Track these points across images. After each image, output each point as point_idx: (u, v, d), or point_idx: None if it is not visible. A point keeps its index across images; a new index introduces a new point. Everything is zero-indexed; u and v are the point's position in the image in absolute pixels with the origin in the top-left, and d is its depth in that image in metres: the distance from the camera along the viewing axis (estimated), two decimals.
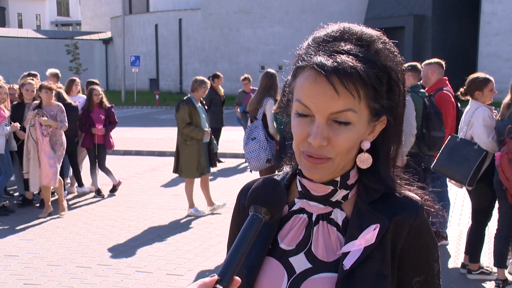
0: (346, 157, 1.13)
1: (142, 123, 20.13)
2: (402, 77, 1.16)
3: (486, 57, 26.15)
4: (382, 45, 1.14)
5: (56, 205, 8.27)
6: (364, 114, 1.11)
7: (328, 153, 1.10)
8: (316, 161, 1.11)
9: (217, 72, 11.84)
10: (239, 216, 1.32)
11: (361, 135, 1.13)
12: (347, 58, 1.07)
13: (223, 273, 1.03)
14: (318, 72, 1.08)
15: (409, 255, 1.15)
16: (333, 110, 1.08)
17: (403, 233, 1.14)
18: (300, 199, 1.22)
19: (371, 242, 1.12)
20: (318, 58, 1.09)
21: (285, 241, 1.20)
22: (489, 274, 5.24)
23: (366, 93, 1.09)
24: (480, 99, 5.14)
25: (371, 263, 1.11)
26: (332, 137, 1.09)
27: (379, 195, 1.16)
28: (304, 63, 1.12)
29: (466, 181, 5.01)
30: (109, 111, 8.76)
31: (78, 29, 51.97)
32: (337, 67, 1.06)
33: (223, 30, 33.33)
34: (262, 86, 6.50)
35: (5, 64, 34.33)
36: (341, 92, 1.06)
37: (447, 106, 5.91)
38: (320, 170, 1.13)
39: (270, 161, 6.22)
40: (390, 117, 1.15)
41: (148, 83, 36.49)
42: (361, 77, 1.07)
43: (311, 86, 1.09)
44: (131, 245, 6.32)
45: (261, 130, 6.22)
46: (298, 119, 1.13)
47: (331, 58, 1.08)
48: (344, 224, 1.17)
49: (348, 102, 1.08)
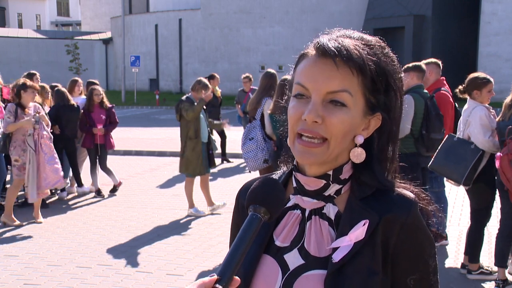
0: (341, 143, 1.13)
1: (142, 123, 20.13)
2: (400, 84, 1.18)
3: (486, 57, 26.15)
4: (381, 50, 1.16)
5: (57, 205, 8.28)
6: (359, 101, 1.13)
7: (322, 131, 1.11)
8: (310, 144, 1.12)
9: (213, 73, 11.82)
10: (238, 215, 1.33)
11: (356, 124, 1.14)
12: (350, 44, 1.12)
13: (222, 273, 1.03)
14: (319, 55, 1.12)
15: (402, 252, 1.15)
16: (329, 89, 1.10)
17: (395, 230, 1.14)
18: (295, 195, 1.23)
19: (361, 238, 1.12)
20: (321, 40, 1.13)
21: (280, 238, 1.21)
22: (489, 274, 5.24)
23: (364, 80, 1.11)
24: (477, 99, 5.14)
25: (361, 259, 1.11)
26: (326, 117, 1.11)
27: (372, 191, 1.17)
28: (307, 50, 1.17)
29: (462, 180, 5.02)
30: (110, 111, 8.76)
31: (78, 29, 51.97)
32: (340, 47, 1.10)
33: (223, 30, 33.33)
34: (261, 86, 6.50)
35: (5, 64, 34.29)
36: (340, 68, 1.09)
37: (445, 106, 5.91)
38: (313, 155, 1.13)
39: (268, 162, 6.20)
40: (385, 115, 1.17)
41: (148, 83, 36.48)
42: (361, 60, 1.10)
43: (311, 67, 1.13)
44: (131, 245, 6.32)
45: (259, 130, 6.21)
46: (295, 101, 1.15)
47: (334, 41, 1.12)
48: (337, 219, 1.17)
49: (345, 83, 1.10)
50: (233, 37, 33.19)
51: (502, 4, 26.01)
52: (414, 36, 27.48)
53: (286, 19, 32.04)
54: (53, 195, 8.80)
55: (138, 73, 30.89)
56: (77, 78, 9.59)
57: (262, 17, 32.46)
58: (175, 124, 7.82)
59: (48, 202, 8.25)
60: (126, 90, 30.87)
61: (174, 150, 13.17)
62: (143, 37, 36.58)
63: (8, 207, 7.12)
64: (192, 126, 7.29)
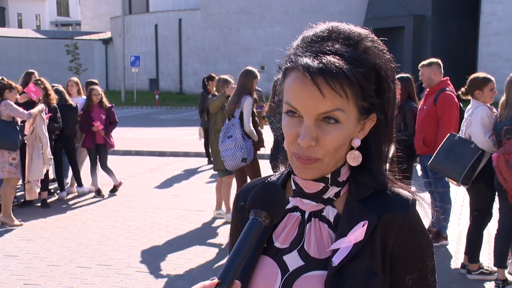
0: (335, 156, 1.14)
1: (142, 123, 20.14)
2: (392, 74, 1.17)
3: (486, 57, 26.15)
4: (371, 43, 1.15)
5: (57, 205, 8.28)
6: (352, 113, 1.12)
7: (315, 154, 1.12)
8: (306, 162, 1.13)
9: (212, 74, 11.80)
10: (236, 217, 1.34)
11: (350, 133, 1.14)
12: (333, 58, 1.09)
13: (223, 277, 1.03)
14: (305, 74, 1.09)
15: (400, 252, 1.15)
16: (320, 111, 1.09)
17: (394, 231, 1.14)
18: (294, 197, 1.23)
19: (360, 239, 1.12)
20: (304, 60, 1.10)
21: (279, 240, 1.21)
22: (489, 274, 5.24)
23: (353, 92, 1.10)
24: (480, 99, 5.15)
25: (360, 260, 1.12)
26: (320, 137, 1.10)
27: (370, 192, 1.17)
28: (291, 64, 1.14)
29: (460, 179, 5.02)
30: (110, 111, 8.76)
31: (78, 29, 51.99)
32: (322, 68, 1.07)
33: (223, 30, 33.34)
34: (240, 84, 6.36)
35: (5, 64, 34.33)
36: (327, 93, 1.08)
37: (451, 107, 5.90)
38: (311, 170, 1.14)
39: (246, 160, 6.14)
40: (380, 115, 1.16)
41: (148, 83, 36.50)
42: (347, 76, 1.08)
43: (298, 88, 1.11)
44: (131, 245, 6.32)
45: (238, 129, 6.17)
46: (287, 118, 1.14)
47: (317, 60, 1.09)
48: (336, 221, 1.18)
49: (336, 102, 1.09)
50: (233, 37, 33.20)
51: (502, 4, 26.02)
52: (414, 36, 27.49)
53: (286, 19, 32.05)
54: (53, 195, 8.81)
55: (138, 73, 30.92)
56: (75, 78, 9.52)
57: (262, 17, 32.48)
58: (175, 124, 7.84)
59: (48, 202, 8.25)
60: (126, 90, 30.89)
61: (174, 150, 13.18)
62: (143, 37, 36.59)
63: (7, 207, 7.12)
64: (219, 118, 7.18)
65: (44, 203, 8.06)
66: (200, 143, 12.24)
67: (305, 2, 31.66)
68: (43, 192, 8.08)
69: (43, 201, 8.07)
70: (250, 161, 6.17)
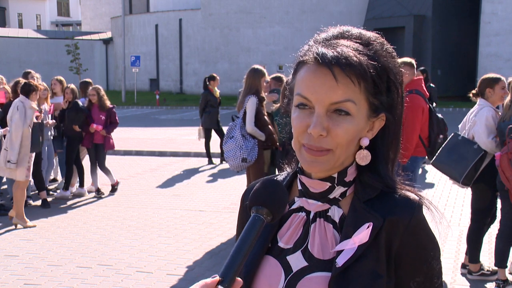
0: (346, 150, 1.13)
1: (142, 123, 20.13)
2: (400, 79, 1.18)
3: (486, 57, 26.14)
4: (381, 46, 1.15)
5: (57, 205, 8.28)
6: (363, 107, 1.12)
7: (327, 144, 1.11)
8: (316, 154, 1.12)
9: (213, 74, 11.80)
10: (243, 216, 1.33)
11: (361, 129, 1.14)
12: (348, 49, 1.10)
13: (224, 274, 1.03)
14: (318, 64, 1.10)
15: (406, 255, 1.14)
16: (332, 100, 1.09)
17: (399, 233, 1.13)
18: (300, 197, 1.22)
19: (365, 241, 1.11)
20: (319, 49, 1.11)
21: (283, 240, 1.20)
22: (489, 275, 5.23)
23: (366, 86, 1.10)
24: (490, 98, 5.11)
25: (365, 262, 1.11)
26: (331, 128, 1.10)
27: (376, 193, 1.16)
28: (305, 57, 1.14)
29: (461, 179, 5.01)
30: (110, 112, 8.77)
31: (78, 29, 51.98)
32: (338, 57, 1.08)
33: (223, 30, 33.33)
34: (247, 84, 6.32)
35: (5, 64, 34.31)
36: (340, 80, 1.08)
37: (414, 109, 5.32)
38: (320, 163, 1.13)
39: (246, 160, 6.11)
40: (389, 115, 1.16)
41: (148, 83, 36.49)
42: (362, 67, 1.09)
43: (311, 78, 1.11)
44: (131, 245, 6.32)
45: (238, 129, 6.17)
46: (298, 111, 1.14)
47: (332, 49, 1.10)
48: (341, 221, 1.17)
49: (348, 93, 1.09)
50: (233, 37, 33.19)
51: (502, 4, 26.01)
52: (414, 36, 27.49)
53: (286, 19, 32.04)
54: (52, 195, 8.81)
55: (138, 73, 30.90)
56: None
57: (262, 17, 32.47)
58: (175, 124, 7.83)
59: (49, 202, 8.25)
60: (126, 90, 30.88)
61: (174, 150, 13.18)
62: (143, 37, 36.59)
63: (20, 209, 7.09)
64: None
65: (44, 203, 8.06)
66: (200, 143, 12.24)
67: (305, 2, 31.65)
68: (42, 192, 8.08)
69: (43, 201, 8.08)
70: (251, 161, 6.14)
